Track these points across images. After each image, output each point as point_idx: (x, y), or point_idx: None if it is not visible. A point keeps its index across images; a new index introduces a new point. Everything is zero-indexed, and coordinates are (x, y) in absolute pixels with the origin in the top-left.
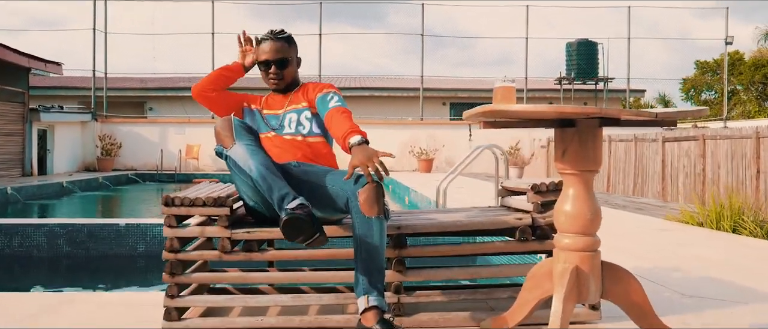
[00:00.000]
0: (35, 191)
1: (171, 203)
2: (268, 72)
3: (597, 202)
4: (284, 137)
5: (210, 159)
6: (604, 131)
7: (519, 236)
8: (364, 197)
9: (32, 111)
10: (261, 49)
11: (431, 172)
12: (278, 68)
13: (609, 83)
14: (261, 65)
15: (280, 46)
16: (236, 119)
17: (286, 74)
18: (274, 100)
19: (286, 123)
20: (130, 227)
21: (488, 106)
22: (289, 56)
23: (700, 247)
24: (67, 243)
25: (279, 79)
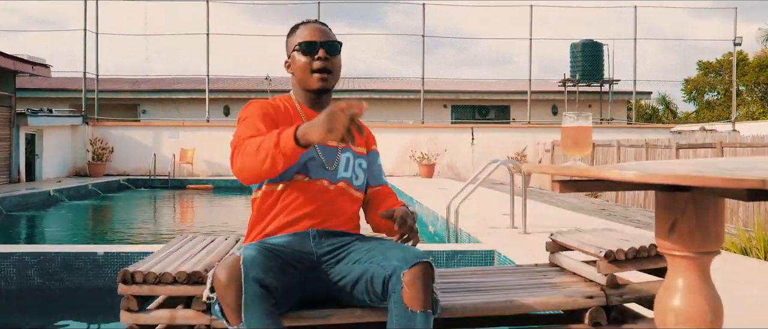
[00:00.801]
0: (19, 201)
1: (130, 280)
2: (314, 57)
3: (717, 294)
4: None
5: (204, 164)
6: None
7: (590, 321)
8: (410, 279)
9: (20, 115)
10: (300, 32)
11: (433, 177)
12: (329, 53)
13: (614, 85)
14: (302, 49)
15: (327, 29)
16: (250, 280)
17: (336, 67)
18: None
19: (341, 167)
20: (110, 256)
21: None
22: (339, 42)
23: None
24: (38, 274)
25: (328, 72)
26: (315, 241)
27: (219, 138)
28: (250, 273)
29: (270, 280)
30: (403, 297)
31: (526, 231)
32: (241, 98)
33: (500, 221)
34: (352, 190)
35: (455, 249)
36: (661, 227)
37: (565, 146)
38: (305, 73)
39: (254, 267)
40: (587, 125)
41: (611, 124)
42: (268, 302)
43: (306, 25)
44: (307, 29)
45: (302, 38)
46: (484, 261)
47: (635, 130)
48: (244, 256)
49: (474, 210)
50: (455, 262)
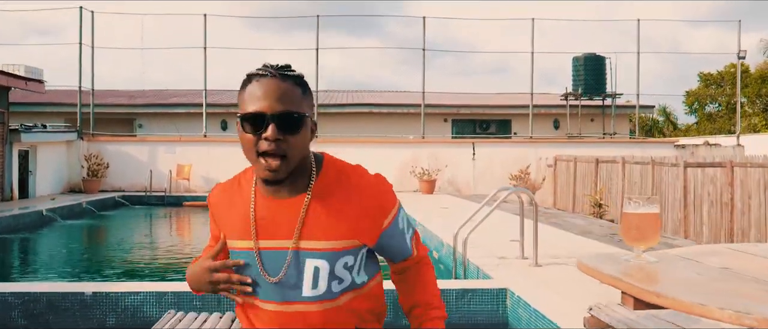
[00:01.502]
0: (11, 222)
1: None
2: (260, 137)
3: None
4: (294, 306)
5: (201, 180)
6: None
7: None
8: None
9: (13, 132)
10: (249, 92)
11: (434, 193)
12: (280, 130)
13: (617, 98)
14: (246, 124)
15: (285, 89)
16: None
17: (294, 146)
18: (275, 213)
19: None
20: (99, 296)
21: (672, 299)
22: (300, 111)
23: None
24: (22, 316)
25: (280, 157)
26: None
27: (216, 154)
28: None
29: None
30: None
31: (538, 263)
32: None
33: (509, 249)
34: (331, 304)
35: (465, 287)
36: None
37: (627, 236)
38: (251, 154)
39: None
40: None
41: (614, 139)
42: None
43: (258, 82)
44: (258, 88)
45: (248, 105)
46: (495, 300)
47: (638, 145)
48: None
49: (479, 235)
50: (465, 301)
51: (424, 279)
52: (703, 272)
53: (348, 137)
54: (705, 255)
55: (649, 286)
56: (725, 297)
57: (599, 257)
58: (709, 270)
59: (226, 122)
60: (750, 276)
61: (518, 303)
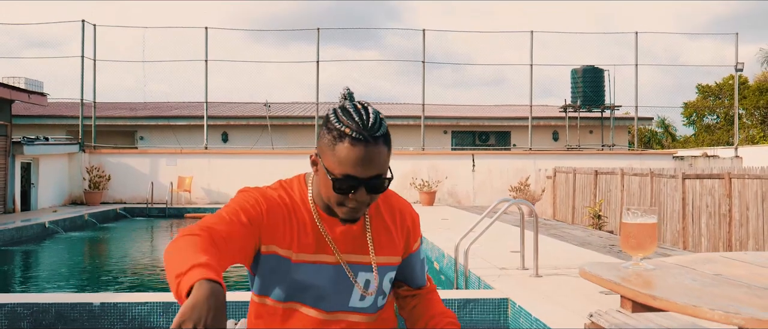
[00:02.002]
0: (14, 234)
1: None
2: (349, 196)
3: None
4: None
5: (203, 192)
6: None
7: None
8: None
9: (15, 144)
10: (345, 152)
11: (434, 205)
12: (370, 191)
13: (616, 110)
14: (340, 183)
15: (380, 152)
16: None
17: (375, 200)
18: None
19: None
20: (107, 306)
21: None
22: (387, 173)
23: None
24: (31, 326)
25: (357, 212)
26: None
27: (217, 165)
28: None
29: None
30: None
31: (538, 274)
32: (240, 125)
33: (509, 260)
34: (370, 319)
35: (467, 297)
36: None
37: (626, 245)
38: (331, 200)
39: None
40: (652, 221)
41: (613, 150)
42: None
43: (357, 145)
44: (355, 153)
45: (343, 165)
46: (497, 310)
47: (637, 157)
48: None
49: (481, 245)
50: (467, 311)
51: (436, 301)
52: (697, 278)
53: None
54: (700, 262)
55: (646, 290)
56: (716, 299)
57: (600, 264)
58: (703, 276)
59: (226, 134)
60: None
61: (520, 312)
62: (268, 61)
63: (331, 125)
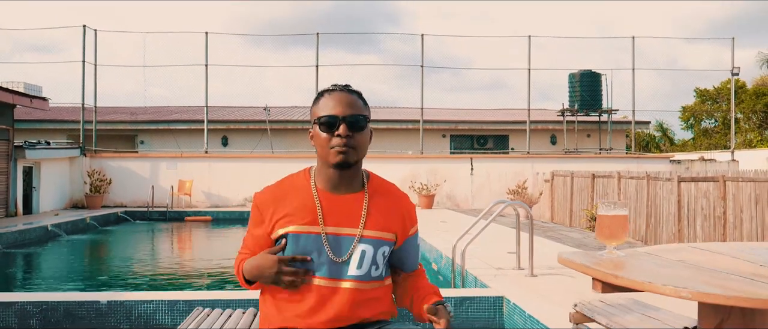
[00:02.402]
0: (17, 237)
1: None
2: (334, 134)
3: None
4: (344, 286)
5: (203, 195)
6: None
7: None
8: None
9: (17, 148)
10: (322, 103)
11: (432, 208)
12: (350, 129)
13: (613, 114)
14: (323, 124)
15: (351, 99)
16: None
17: (360, 143)
18: (337, 205)
19: (354, 261)
20: (114, 304)
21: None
22: (365, 114)
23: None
24: (40, 323)
25: (349, 148)
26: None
27: (217, 169)
28: None
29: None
30: None
31: (533, 274)
32: (240, 129)
33: (506, 260)
34: (364, 287)
35: (463, 296)
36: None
37: (600, 235)
38: (325, 148)
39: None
40: (623, 213)
41: (610, 154)
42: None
43: (330, 95)
44: (330, 100)
45: (323, 111)
46: (492, 307)
47: (634, 160)
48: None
49: (478, 247)
50: (464, 309)
51: (423, 280)
52: (660, 262)
53: None
54: (667, 251)
55: (610, 271)
56: (670, 278)
57: (577, 252)
58: (666, 261)
59: (226, 138)
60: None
61: (514, 309)
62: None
63: (315, 99)
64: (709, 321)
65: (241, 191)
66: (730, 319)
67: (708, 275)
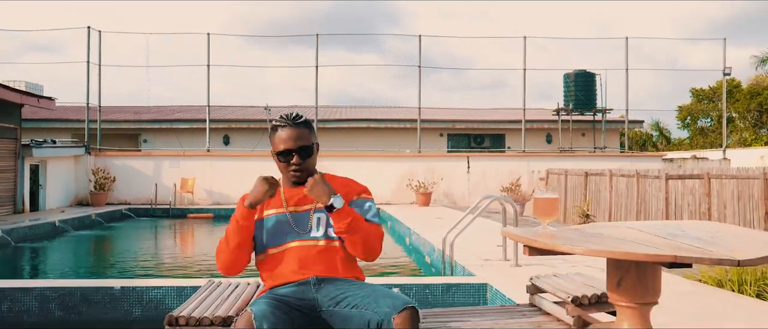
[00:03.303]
0: (27, 232)
1: (175, 323)
2: (290, 163)
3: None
4: (308, 243)
5: (205, 193)
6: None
7: None
8: (399, 323)
9: (24, 147)
10: (278, 137)
11: (429, 205)
12: (301, 158)
13: (607, 114)
14: (280, 156)
15: (299, 132)
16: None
17: (309, 164)
18: (296, 193)
19: (313, 223)
20: (126, 290)
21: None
22: (310, 143)
23: (738, 322)
24: (59, 308)
25: (301, 171)
26: (315, 288)
27: (219, 167)
28: (262, 323)
29: (278, 325)
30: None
31: (518, 264)
32: (241, 128)
33: (493, 253)
34: (334, 243)
35: (450, 282)
36: (611, 282)
37: (537, 213)
38: (284, 172)
39: (263, 320)
40: (555, 197)
41: (604, 152)
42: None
43: (283, 130)
44: (283, 133)
45: (279, 146)
46: (477, 293)
47: (627, 158)
48: (255, 313)
49: (469, 242)
50: (450, 295)
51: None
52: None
53: (347, 151)
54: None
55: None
56: (573, 241)
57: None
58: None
59: (228, 137)
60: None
61: (496, 294)
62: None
63: (271, 130)
64: (613, 278)
65: (242, 189)
66: (627, 275)
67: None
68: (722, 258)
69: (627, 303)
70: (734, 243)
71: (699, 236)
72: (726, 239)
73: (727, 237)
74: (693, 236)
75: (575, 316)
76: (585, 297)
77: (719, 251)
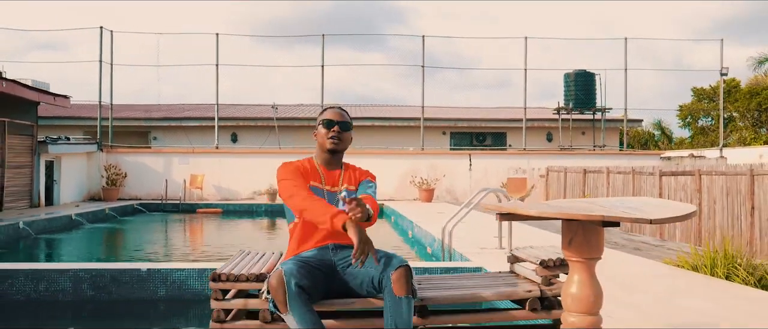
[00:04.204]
0: (46, 224)
1: (218, 279)
2: (330, 130)
3: (599, 285)
4: None
5: (214, 189)
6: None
7: (529, 308)
8: (396, 278)
9: (40, 143)
10: (327, 112)
11: (432, 201)
12: (341, 129)
13: (606, 113)
14: (324, 124)
15: (343, 114)
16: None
17: (345, 138)
18: (330, 175)
19: (339, 205)
20: (152, 272)
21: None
22: (350, 123)
23: (697, 297)
24: (90, 288)
25: (338, 141)
26: (333, 253)
27: (227, 164)
28: (290, 281)
29: (303, 282)
30: (392, 289)
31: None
32: (248, 126)
33: (490, 242)
34: None
35: (447, 266)
36: (564, 242)
37: (509, 190)
38: (323, 139)
39: (291, 276)
40: (523, 177)
41: (604, 151)
42: (303, 296)
43: (331, 110)
44: (330, 113)
45: (325, 117)
46: None
47: (626, 156)
48: (284, 269)
49: (469, 233)
50: None
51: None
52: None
53: (352, 149)
54: (555, 201)
55: (500, 205)
56: (531, 208)
57: (494, 204)
58: (547, 204)
59: (236, 135)
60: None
61: None
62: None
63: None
64: (566, 238)
65: (250, 185)
66: (576, 236)
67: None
68: (638, 218)
69: (577, 258)
70: (655, 210)
71: (632, 206)
72: (650, 208)
73: (652, 206)
74: (628, 206)
75: (543, 276)
76: (550, 259)
77: (638, 214)
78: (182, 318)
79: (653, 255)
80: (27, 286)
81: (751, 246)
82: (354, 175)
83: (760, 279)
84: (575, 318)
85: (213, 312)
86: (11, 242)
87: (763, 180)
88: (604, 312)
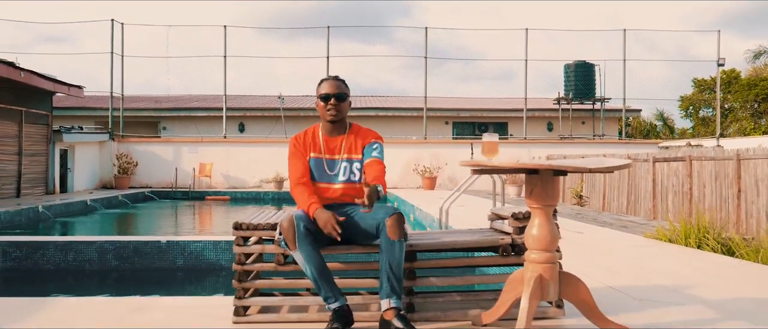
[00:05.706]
0: (63, 209)
1: (239, 227)
2: (327, 103)
3: (555, 228)
4: (336, 186)
5: (222, 177)
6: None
7: (501, 252)
8: (390, 224)
9: (55, 132)
10: (322, 85)
11: (435, 189)
12: (337, 101)
13: (606, 103)
14: (321, 98)
15: (338, 84)
16: (300, 226)
17: (343, 108)
18: (331, 143)
19: (340, 172)
20: (171, 243)
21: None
22: (344, 92)
23: (665, 260)
24: (115, 258)
25: (336, 112)
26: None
27: (235, 153)
28: (299, 224)
29: (310, 226)
30: (387, 233)
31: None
32: (256, 116)
33: (484, 221)
34: (354, 185)
35: None
36: (527, 192)
37: (483, 152)
38: (322, 111)
39: (300, 220)
40: (495, 139)
41: (603, 139)
42: (309, 237)
43: (326, 81)
44: (325, 86)
45: (322, 92)
46: None
47: (624, 145)
48: (296, 215)
49: (465, 214)
50: None
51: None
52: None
53: None
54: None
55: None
56: (494, 160)
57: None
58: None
59: (243, 125)
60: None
61: None
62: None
63: (318, 83)
64: (528, 188)
65: (257, 174)
66: (536, 187)
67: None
68: (578, 167)
69: (537, 205)
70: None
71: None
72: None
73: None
74: (578, 162)
75: (514, 227)
76: (520, 212)
77: (581, 165)
78: (199, 285)
79: (637, 232)
80: (56, 256)
81: (738, 226)
82: (358, 139)
83: (729, 248)
84: (536, 254)
85: (236, 255)
86: (32, 225)
87: (749, 164)
88: (581, 273)
